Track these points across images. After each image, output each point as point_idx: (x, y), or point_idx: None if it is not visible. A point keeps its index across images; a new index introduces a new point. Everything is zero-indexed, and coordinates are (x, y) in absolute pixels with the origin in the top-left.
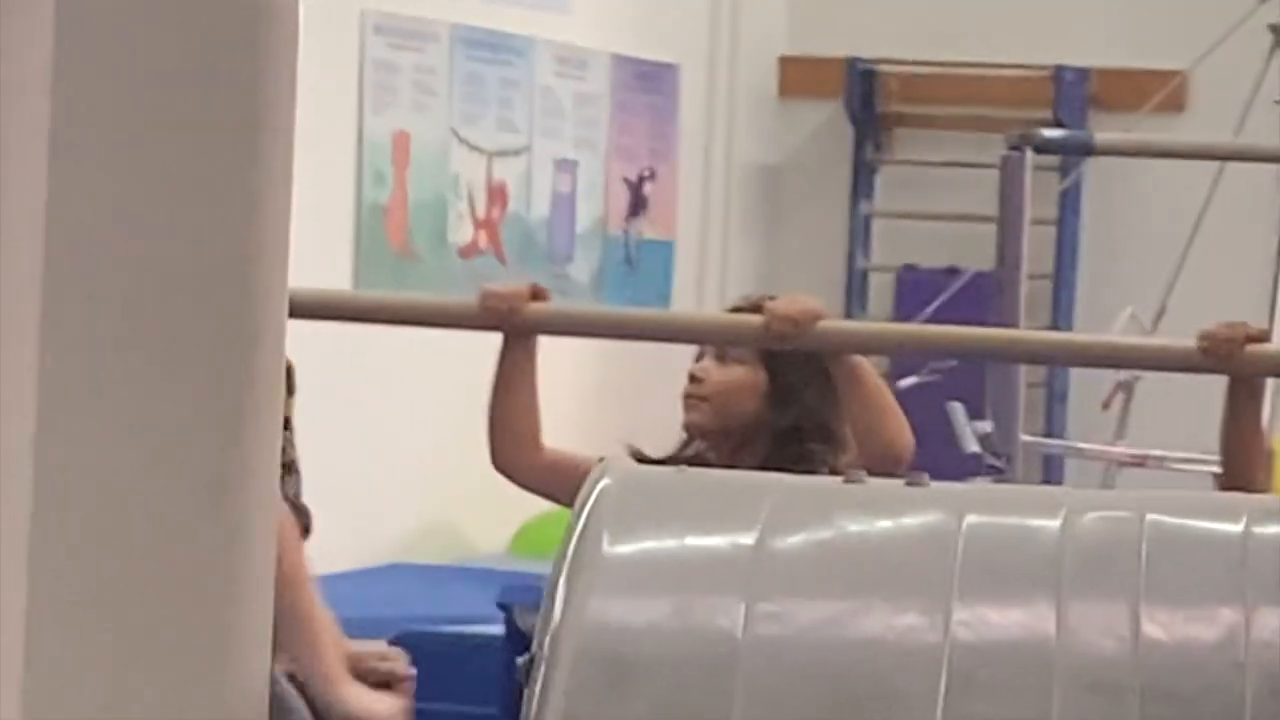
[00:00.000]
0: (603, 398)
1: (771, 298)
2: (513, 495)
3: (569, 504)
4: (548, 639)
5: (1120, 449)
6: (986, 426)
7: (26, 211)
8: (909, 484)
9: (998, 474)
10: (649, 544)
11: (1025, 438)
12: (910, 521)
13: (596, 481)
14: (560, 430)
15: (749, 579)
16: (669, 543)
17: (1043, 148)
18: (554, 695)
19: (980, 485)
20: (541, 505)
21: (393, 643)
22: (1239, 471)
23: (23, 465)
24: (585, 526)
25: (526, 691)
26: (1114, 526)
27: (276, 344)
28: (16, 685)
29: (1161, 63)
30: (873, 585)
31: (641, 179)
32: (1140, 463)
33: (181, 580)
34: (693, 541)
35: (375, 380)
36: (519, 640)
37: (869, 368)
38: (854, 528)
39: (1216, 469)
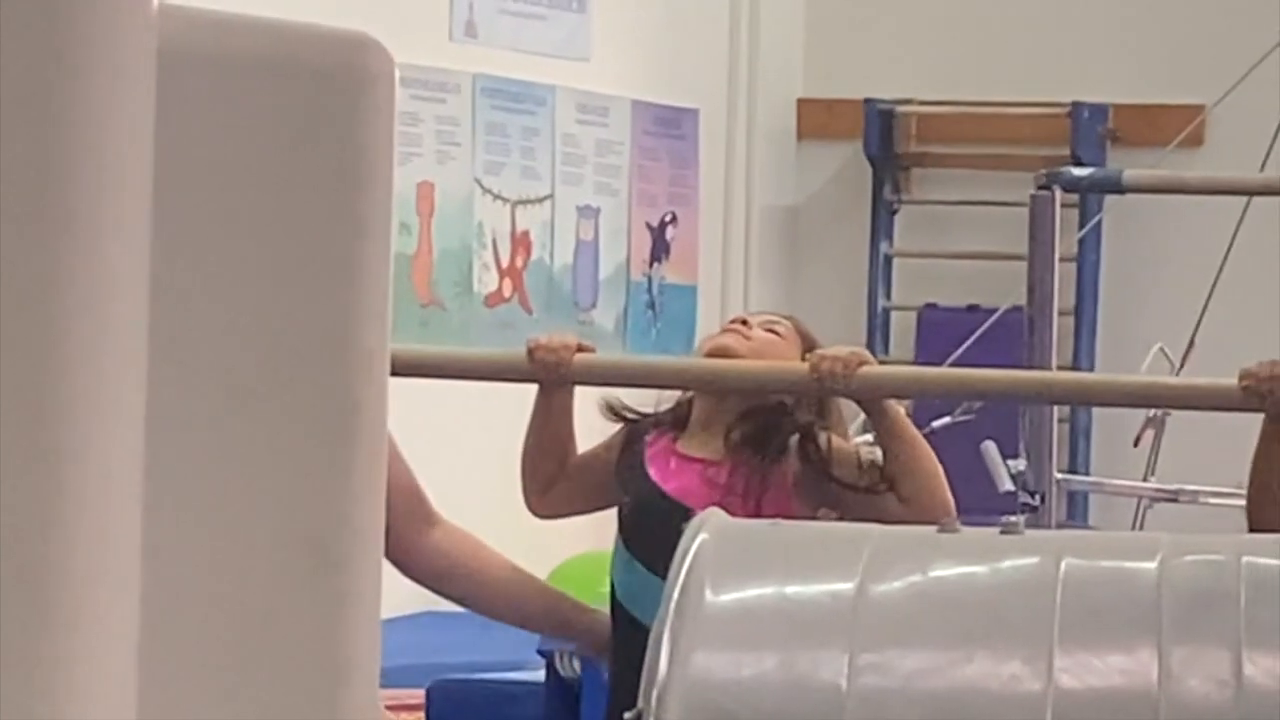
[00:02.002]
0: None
1: (744, 321)
2: (546, 539)
3: (603, 505)
4: (655, 694)
5: (1152, 485)
6: (1020, 465)
7: (130, 285)
8: (1003, 531)
9: (1032, 512)
10: (750, 596)
11: (1058, 475)
12: (1008, 568)
13: (695, 536)
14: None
15: (851, 630)
16: (770, 594)
17: (1071, 186)
18: None
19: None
20: (576, 548)
21: (430, 691)
22: (1272, 508)
23: (131, 536)
24: (687, 580)
25: None
26: (1211, 570)
27: (378, 409)
28: None
29: (1179, 98)
30: (974, 633)
31: (663, 223)
32: (1173, 498)
33: (289, 649)
34: (793, 592)
35: (405, 424)
36: (560, 687)
37: (911, 425)
38: (952, 575)
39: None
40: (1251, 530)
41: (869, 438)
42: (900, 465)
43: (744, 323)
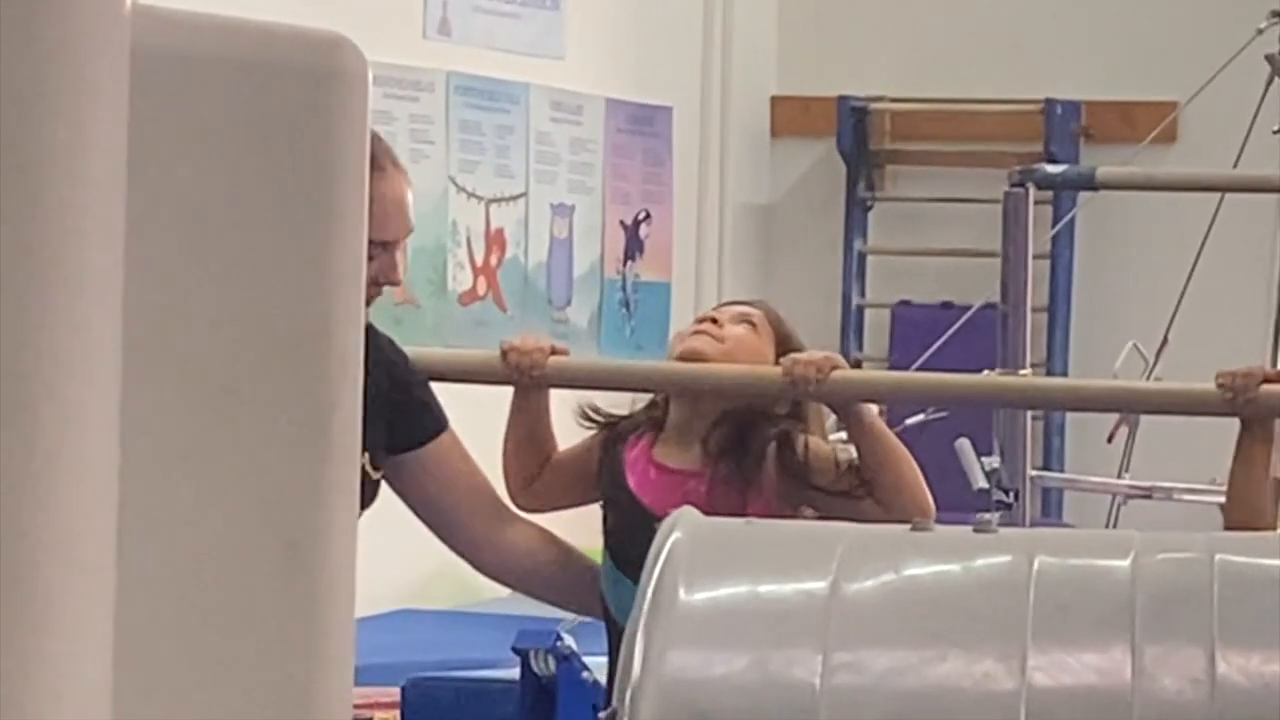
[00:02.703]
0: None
1: (714, 319)
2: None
3: (587, 500)
4: (629, 693)
5: (1126, 482)
6: (994, 462)
7: (104, 284)
8: (977, 529)
9: (1006, 509)
10: (723, 595)
11: (1032, 472)
12: (981, 566)
13: (668, 534)
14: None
15: (824, 628)
16: (743, 593)
17: (1045, 183)
18: None
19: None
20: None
21: (405, 690)
22: (1249, 511)
23: (106, 534)
24: (660, 579)
25: None
26: (1184, 568)
27: (352, 408)
28: None
29: (1152, 95)
30: (947, 632)
31: (637, 221)
32: (1147, 495)
33: (264, 647)
34: (766, 591)
35: None
36: (535, 685)
37: (886, 429)
38: (925, 574)
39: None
40: (1227, 529)
41: (844, 436)
42: (876, 470)
43: (714, 320)
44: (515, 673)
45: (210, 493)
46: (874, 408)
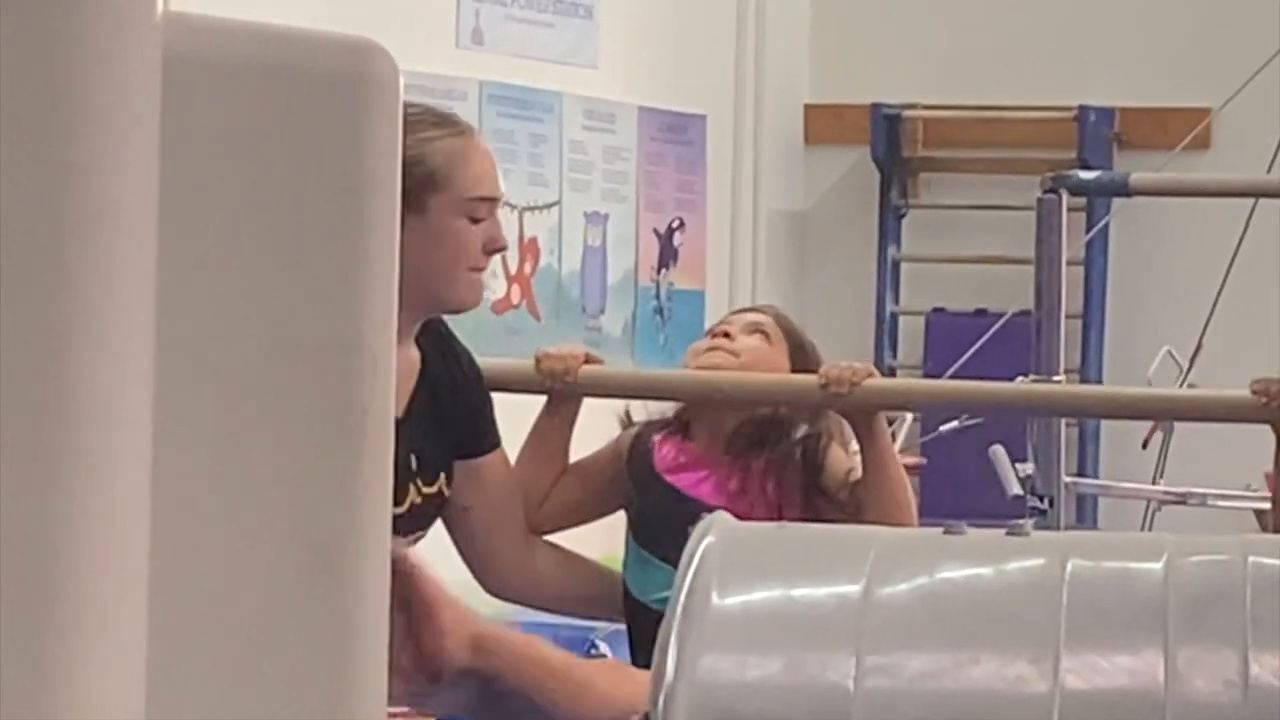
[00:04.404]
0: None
1: (726, 333)
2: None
3: (600, 513)
4: (661, 697)
5: (1161, 488)
6: (1028, 469)
7: (136, 291)
8: (1010, 533)
9: (1040, 516)
10: (756, 599)
11: (1067, 479)
12: (1014, 569)
13: (701, 539)
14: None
15: (857, 632)
16: (776, 597)
17: (1078, 190)
18: None
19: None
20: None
21: None
22: None
23: (138, 541)
24: (693, 583)
25: None
26: (1217, 570)
27: (384, 414)
28: None
29: (1185, 101)
30: (980, 635)
31: (671, 229)
32: (1181, 501)
33: (295, 656)
34: (799, 595)
35: None
36: None
37: (895, 460)
38: (958, 577)
39: (1257, 505)
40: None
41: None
42: (873, 486)
43: (726, 334)
44: None
45: (241, 499)
46: (887, 427)
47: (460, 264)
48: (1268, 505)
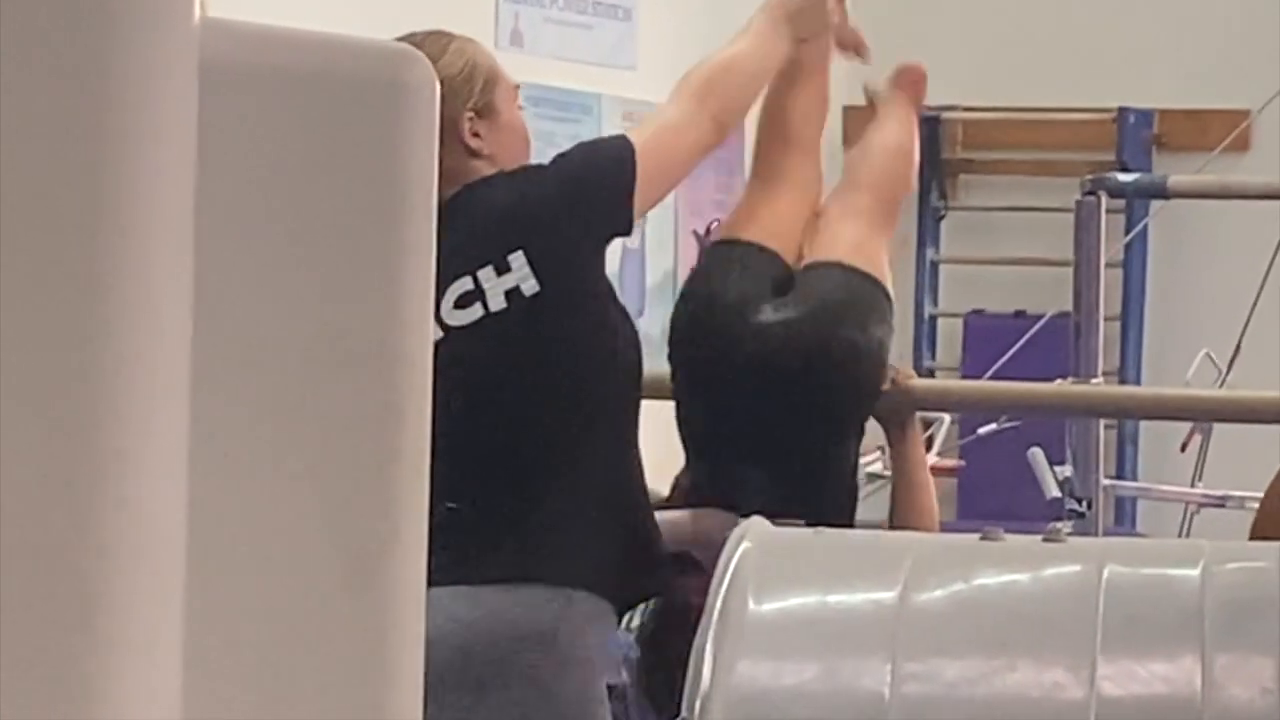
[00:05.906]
0: None
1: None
2: None
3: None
4: (698, 703)
5: (1199, 491)
6: (1067, 471)
7: (173, 297)
8: (1046, 539)
9: (1079, 518)
10: (792, 605)
11: (1105, 481)
12: (1050, 576)
13: (737, 544)
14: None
15: (893, 638)
16: (812, 603)
17: (1117, 192)
18: None
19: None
20: None
21: None
22: None
23: (175, 547)
24: (729, 589)
25: None
26: (1254, 576)
27: (421, 419)
28: None
29: (1224, 103)
30: (1016, 641)
31: (710, 231)
32: (1220, 504)
33: (331, 662)
34: (835, 601)
35: None
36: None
37: (925, 468)
38: (995, 583)
39: None
40: None
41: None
42: (899, 495)
43: None
44: None
45: (278, 504)
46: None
47: (530, 146)
48: None
